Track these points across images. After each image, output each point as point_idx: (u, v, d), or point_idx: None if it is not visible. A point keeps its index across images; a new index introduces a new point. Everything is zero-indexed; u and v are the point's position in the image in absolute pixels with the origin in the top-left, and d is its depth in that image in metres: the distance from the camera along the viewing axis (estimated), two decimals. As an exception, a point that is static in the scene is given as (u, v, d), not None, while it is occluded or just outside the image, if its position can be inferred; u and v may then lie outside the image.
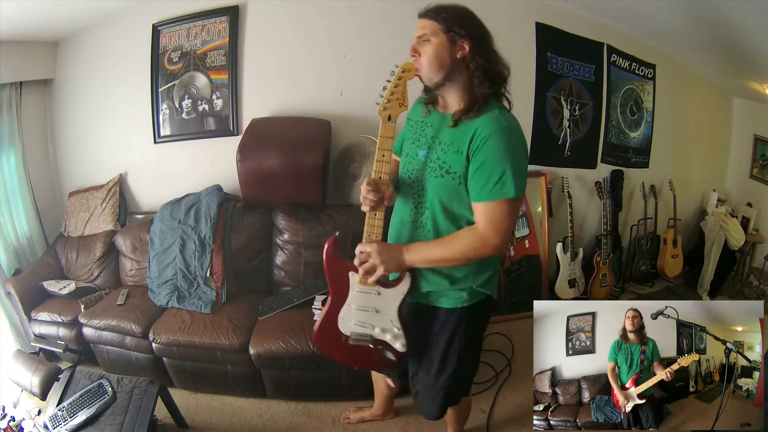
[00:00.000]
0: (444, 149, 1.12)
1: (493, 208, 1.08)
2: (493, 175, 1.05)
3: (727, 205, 3.10)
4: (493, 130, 1.05)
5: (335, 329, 1.26)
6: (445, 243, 1.14)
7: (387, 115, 1.12)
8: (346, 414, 1.95)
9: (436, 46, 1.07)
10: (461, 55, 1.07)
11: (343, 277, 1.23)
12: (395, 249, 1.16)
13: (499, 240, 1.10)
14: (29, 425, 1.70)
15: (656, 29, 2.68)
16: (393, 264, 1.15)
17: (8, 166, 2.47)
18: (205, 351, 1.99)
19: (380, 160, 1.14)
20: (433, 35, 1.07)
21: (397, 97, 1.11)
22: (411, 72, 1.10)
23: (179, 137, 2.64)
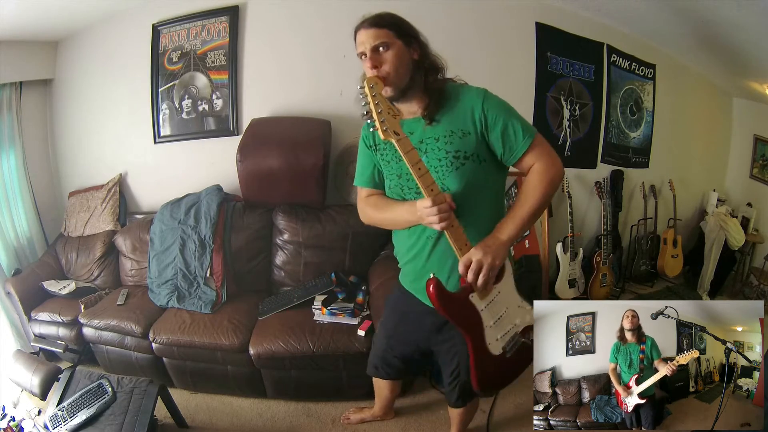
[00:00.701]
0: (448, 140, 1.12)
1: (534, 149, 1.13)
2: (515, 130, 1.11)
3: (727, 205, 3.10)
4: (482, 100, 1.11)
5: (492, 360, 1.19)
6: (521, 199, 1.14)
7: (392, 132, 1.05)
8: (346, 414, 1.95)
9: (397, 51, 1.09)
10: (416, 56, 1.12)
11: (466, 308, 1.14)
12: (491, 239, 1.12)
13: (557, 160, 1.15)
14: (29, 425, 1.70)
15: (656, 29, 2.68)
16: (501, 251, 1.11)
17: (8, 166, 2.47)
18: (205, 351, 1.99)
19: (422, 175, 1.06)
20: (392, 42, 1.09)
21: (386, 110, 1.05)
22: (379, 84, 1.05)
23: (179, 137, 2.64)
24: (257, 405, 2.07)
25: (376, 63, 1.08)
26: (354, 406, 1.97)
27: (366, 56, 1.10)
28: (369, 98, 1.03)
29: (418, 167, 1.06)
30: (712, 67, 2.96)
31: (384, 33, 1.08)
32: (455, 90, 1.15)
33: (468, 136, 1.11)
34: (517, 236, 1.14)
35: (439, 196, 1.06)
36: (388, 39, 1.08)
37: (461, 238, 1.10)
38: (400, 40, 1.10)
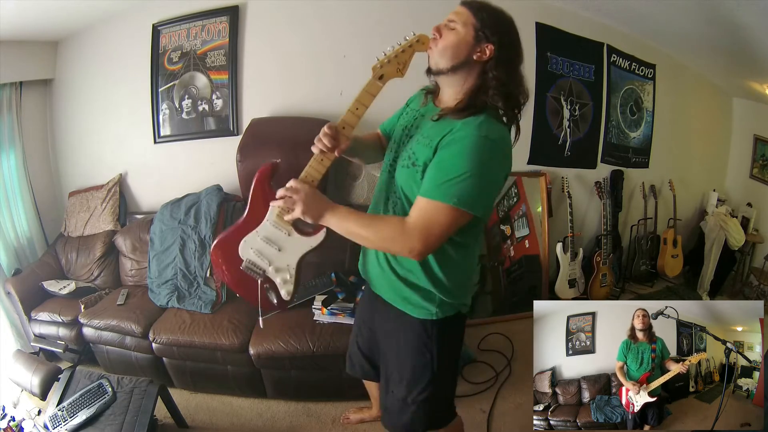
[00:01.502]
0: (419, 141, 1.04)
1: (432, 208, 0.95)
2: (447, 175, 0.94)
3: (727, 205, 3.10)
4: (471, 133, 0.94)
5: (235, 249, 1.20)
6: (368, 221, 1.06)
7: (380, 73, 1.03)
8: (346, 414, 1.95)
9: (459, 36, 0.99)
10: (479, 57, 0.99)
11: (264, 204, 1.17)
12: (323, 201, 1.08)
13: (421, 246, 0.97)
14: (29, 425, 1.70)
15: (656, 29, 2.68)
16: (313, 213, 1.06)
17: (8, 166, 2.47)
18: (205, 351, 1.99)
19: (352, 112, 1.05)
20: (462, 25, 0.99)
21: (399, 61, 1.01)
22: (423, 44, 1.01)
23: (179, 137, 2.64)
24: (257, 405, 2.07)
25: (437, 33, 1.01)
26: (354, 406, 1.97)
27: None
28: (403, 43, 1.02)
29: (356, 107, 1.05)
30: (712, 67, 2.96)
31: (464, 14, 1.00)
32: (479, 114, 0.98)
33: (428, 149, 1.00)
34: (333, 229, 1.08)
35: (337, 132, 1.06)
36: (461, 21, 0.99)
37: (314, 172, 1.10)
38: (474, 31, 0.98)
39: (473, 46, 0.99)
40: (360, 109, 1.05)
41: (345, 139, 1.08)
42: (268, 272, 1.19)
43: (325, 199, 1.08)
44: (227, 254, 1.21)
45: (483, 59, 0.99)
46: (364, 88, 1.05)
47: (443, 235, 0.98)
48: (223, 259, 1.23)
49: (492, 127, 0.96)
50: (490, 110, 0.99)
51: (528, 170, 2.72)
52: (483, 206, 0.99)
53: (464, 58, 0.99)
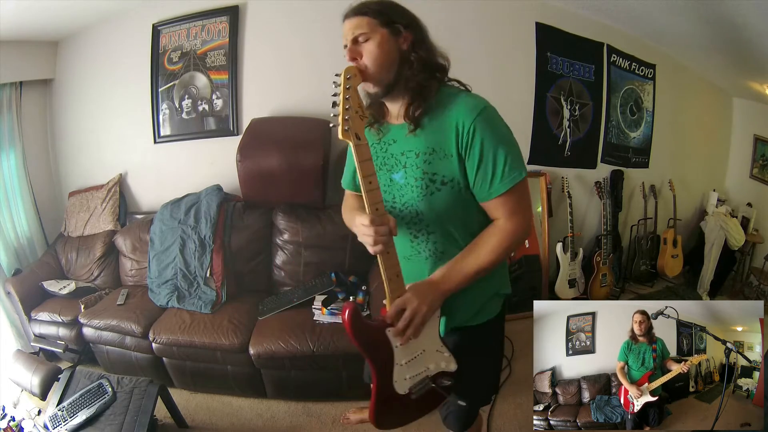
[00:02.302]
0: (428, 160, 0.98)
1: (509, 198, 0.97)
2: (497, 165, 0.95)
3: (727, 205, 3.10)
4: (474, 117, 0.93)
5: (395, 398, 1.09)
6: (476, 252, 1.01)
7: (353, 134, 0.93)
8: (346, 414, 1.95)
9: (379, 41, 0.94)
10: (406, 46, 0.96)
11: (380, 342, 1.03)
12: (428, 286, 1.01)
13: (527, 224, 1.01)
14: (29, 425, 1.70)
15: (656, 29, 2.68)
16: (437, 302, 1.01)
17: (8, 166, 2.47)
18: (205, 351, 1.99)
19: (370, 190, 0.95)
20: (373, 31, 0.94)
21: (355, 109, 0.92)
22: (357, 77, 0.92)
23: (179, 137, 2.64)
24: (257, 405, 2.07)
25: (354, 55, 0.95)
26: (354, 406, 1.97)
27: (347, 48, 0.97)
28: (341, 89, 0.91)
29: (368, 180, 0.94)
30: (712, 67, 2.96)
31: (365, 22, 0.94)
32: (449, 97, 0.97)
33: (449, 158, 0.96)
34: (458, 288, 1.02)
35: (381, 217, 0.95)
36: (369, 28, 0.94)
37: (393, 268, 0.99)
38: (386, 28, 0.95)
39: (395, 41, 0.96)
40: (373, 181, 0.95)
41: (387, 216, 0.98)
42: (432, 373, 1.11)
43: (426, 284, 1.02)
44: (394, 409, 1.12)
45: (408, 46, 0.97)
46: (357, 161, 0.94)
47: (530, 203, 1.04)
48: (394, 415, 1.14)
49: (470, 98, 0.97)
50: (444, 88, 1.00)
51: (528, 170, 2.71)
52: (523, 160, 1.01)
53: (398, 56, 0.96)
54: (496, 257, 1.01)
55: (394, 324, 1.00)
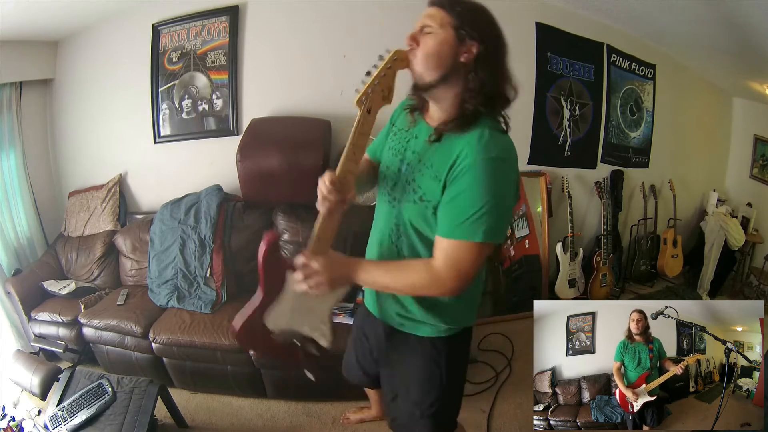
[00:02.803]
0: (423, 171, 0.96)
1: (458, 248, 0.91)
2: (466, 212, 0.88)
3: (727, 205, 3.10)
4: (479, 158, 0.87)
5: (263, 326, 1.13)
6: (396, 270, 1.00)
7: (367, 107, 0.93)
8: (346, 414, 1.95)
9: (439, 40, 0.88)
10: (466, 58, 0.89)
11: (280, 277, 1.09)
12: (344, 266, 1.01)
13: (457, 285, 0.94)
14: (29, 425, 1.70)
15: (656, 29, 2.68)
16: (339, 282, 1.01)
17: (8, 166, 2.47)
18: (205, 351, 1.99)
19: (350, 158, 0.96)
20: (440, 27, 0.88)
21: (382, 88, 0.91)
22: (403, 61, 0.90)
23: (179, 137, 2.64)
24: (257, 405, 2.07)
25: (413, 42, 0.91)
26: (354, 406, 1.97)
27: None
28: (382, 65, 0.90)
29: (353, 151, 0.95)
30: (712, 67, 2.96)
31: (439, 15, 0.89)
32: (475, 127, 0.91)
33: (437, 182, 0.93)
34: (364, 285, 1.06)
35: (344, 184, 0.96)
36: (438, 23, 0.88)
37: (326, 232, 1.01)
38: (453, 30, 0.88)
39: (457, 47, 0.89)
40: (358, 153, 0.96)
41: (350, 188, 0.99)
42: (305, 333, 1.15)
43: (344, 262, 1.02)
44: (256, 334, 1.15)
45: (471, 59, 0.89)
46: (355, 129, 0.94)
47: (475, 270, 0.94)
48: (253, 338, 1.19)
49: (495, 141, 0.89)
50: (486, 118, 0.92)
51: (528, 170, 2.72)
52: (505, 231, 0.98)
53: (451, 64, 0.89)
54: (409, 289, 1.01)
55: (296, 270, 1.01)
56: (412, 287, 1.00)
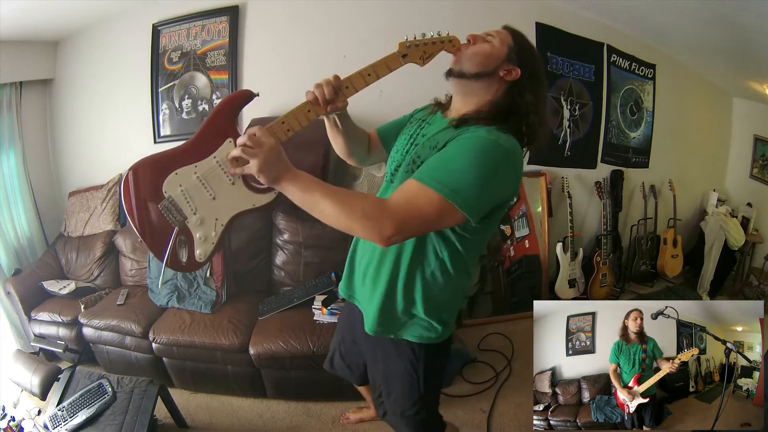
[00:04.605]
0: (424, 145, 1.00)
1: (418, 192, 0.87)
2: (447, 165, 0.88)
3: (727, 205, 3.10)
4: (482, 135, 0.89)
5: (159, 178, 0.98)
6: (336, 194, 0.91)
7: (404, 52, 0.97)
8: (346, 414, 1.95)
9: (493, 48, 0.98)
10: (505, 75, 0.97)
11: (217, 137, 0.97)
12: (286, 163, 0.93)
13: (392, 229, 0.86)
14: (29, 425, 1.70)
15: (656, 29, 2.68)
16: (271, 173, 0.91)
17: (8, 166, 2.47)
18: (205, 351, 1.99)
19: (362, 75, 0.96)
20: (499, 42, 0.98)
21: (426, 50, 0.98)
22: (453, 46, 0.98)
23: (179, 137, 2.64)
24: (257, 405, 2.06)
25: (473, 39, 1.00)
26: (354, 406, 1.97)
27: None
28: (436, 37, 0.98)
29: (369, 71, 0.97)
30: (712, 67, 2.96)
31: (503, 34, 1.00)
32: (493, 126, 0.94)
33: (433, 150, 0.96)
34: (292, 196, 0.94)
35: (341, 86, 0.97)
36: (499, 38, 0.99)
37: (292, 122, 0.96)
38: (507, 50, 0.98)
39: (503, 62, 0.97)
40: (371, 77, 0.96)
41: (343, 98, 0.99)
42: (190, 222, 0.98)
43: (288, 163, 0.94)
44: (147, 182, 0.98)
45: (508, 79, 0.97)
46: (383, 59, 0.97)
47: (421, 226, 0.91)
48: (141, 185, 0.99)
49: (505, 136, 0.91)
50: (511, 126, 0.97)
51: (528, 170, 2.72)
52: (477, 210, 0.89)
53: (491, 70, 0.97)
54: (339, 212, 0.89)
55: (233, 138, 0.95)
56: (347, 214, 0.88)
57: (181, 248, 1.00)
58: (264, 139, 0.92)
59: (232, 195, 0.98)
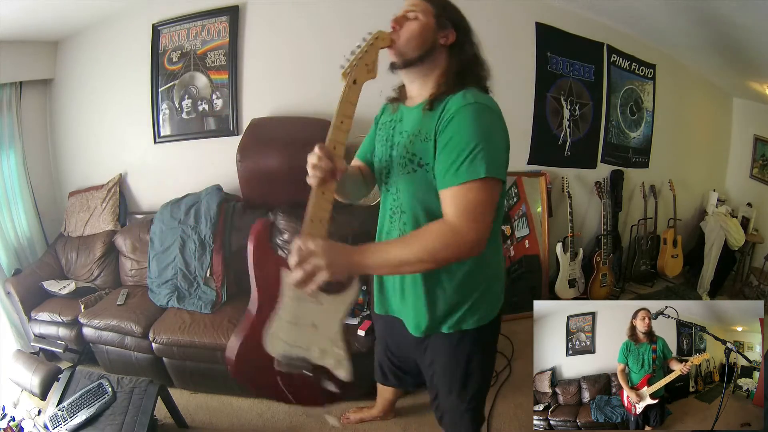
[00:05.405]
0: (412, 140, 0.99)
1: (463, 193, 0.88)
2: (461, 153, 0.88)
3: (727, 205, 3.11)
4: (461, 105, 0.91)
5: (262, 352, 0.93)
6: (409, 241, 0.92)
7: (353, 78, 0.95)
8: (346, 414, 1.95)
9: (422, 24, 0.98)
10: (445, 42, 1.00)
11: (273, 275, 0.92)
12: (345, 249, 0.90)
13: (475, 234, 0.87)
14: (29, 425, 1.70)
15: (656, 29, 2.68)
16: (342, 268, 0.88)
17: (8, 166, 2.47)
18: (205, 351, 1.98)
19: (338, 128, 0.94)
20: (422, 13, 0.99)
21: (366, 62, 0.96)
22: (384, 40, 0.97)
23: (179, 137, 2.64)
24: (257, 405, 2.06)
25: (397, 24, 1.00)
26: (354, 406, 1.97)
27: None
28: (365, 43, 0.96)
29: (341, 120, 0.95)
30: (712, 67, 2.96)
31: (420, 4, 1.00)
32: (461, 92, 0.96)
33: (428, 142, 0.96)
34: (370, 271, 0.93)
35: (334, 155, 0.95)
36: (421, 10, 0.99)
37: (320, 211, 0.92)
38: (435, 18, 0.99)
39: (437, 31, 0.99)
40: (345, 123, 0.94)
41: (340, 159, 0.96)
42: (314, 358, 0.95)
43: (347, 247, 0.91)
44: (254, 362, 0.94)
45: (448, 43, 1.00)
46: (342, 98, 0.95)
47: (489, 213, 0.90)
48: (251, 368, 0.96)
49: (477, 94, 0.95)
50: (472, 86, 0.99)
51: (528, 170, 2.72)
52: (503, 168, 0.93)
53: (431, 44, 0.99)
54: (430, 256, 0.88)
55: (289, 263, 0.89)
56: (434, 253, 0.88)
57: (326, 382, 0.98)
58: (312, 246, 0.87)
59: (326, 311, 0.95)
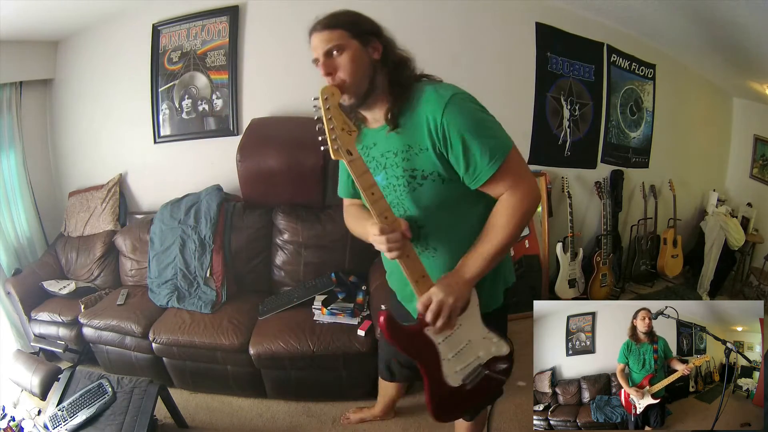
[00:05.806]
0: (406, 157, 0.99)
1: (504, 171, 0.95)
2: (482, 147, 0.93)
3: (727, 205, 3.10)
4: (443, 110, 0.92)
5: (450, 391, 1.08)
6: (488, 235, 0.99)
7: (345, 150, 0.94)
8: (346, 414, 1.95)
9: (353, 54, 0.96)
10: (378, 55, 0.99)
11: (421, 342, 1.04)
12: (455, 278, 1.00)
13: (530, 186, 0.98)
14: (29, 425, 1.70)
15: (656, 29, 2.68)
16: (464, 293, 0.99)
17: (8, 166, 2.47)
18: (205, 351, 1.99)
19: (375, 201, 0.96)
20: (345, 44, 0.97)
21: (340, 126, 0.94)
22: (335, 94, 0.94)
23: (179, 137, 2.64)
24: (257, 405, 2.07)
25: (330, 69, 0.97)
26: (354, 406, 1.97)
27: (319, 62, 0.99)
28: (322, 111, 0.93)
29: (371, 192, 0.95)
30: (712, 67, 2.96)
31: (337, 34, 0.96)
32: (420, 93, 0.98)
33: (425, 152, 0.97)
34: (482, 274, 1.01)
35: (392, 225, 0.96)
36: (342, 41, 0.96)
37: (417, 270, 1.00)
38: (356, 39, 0.97)
39: (366, 50, 0.98)
40: (375, 192, 0.96)
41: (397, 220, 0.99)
42: (483, 360, 1.10)
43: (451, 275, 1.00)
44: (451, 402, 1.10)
45: (381, 56, 1.00)
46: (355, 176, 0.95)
47: (525, 165, 1.01)
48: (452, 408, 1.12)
49: (438, 87, 0.97)
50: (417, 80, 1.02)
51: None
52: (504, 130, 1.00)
53: (370, 65, 0.98)
54: (512, 231, 0.98)
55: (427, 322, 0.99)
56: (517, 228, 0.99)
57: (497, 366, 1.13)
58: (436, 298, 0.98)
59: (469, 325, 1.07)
